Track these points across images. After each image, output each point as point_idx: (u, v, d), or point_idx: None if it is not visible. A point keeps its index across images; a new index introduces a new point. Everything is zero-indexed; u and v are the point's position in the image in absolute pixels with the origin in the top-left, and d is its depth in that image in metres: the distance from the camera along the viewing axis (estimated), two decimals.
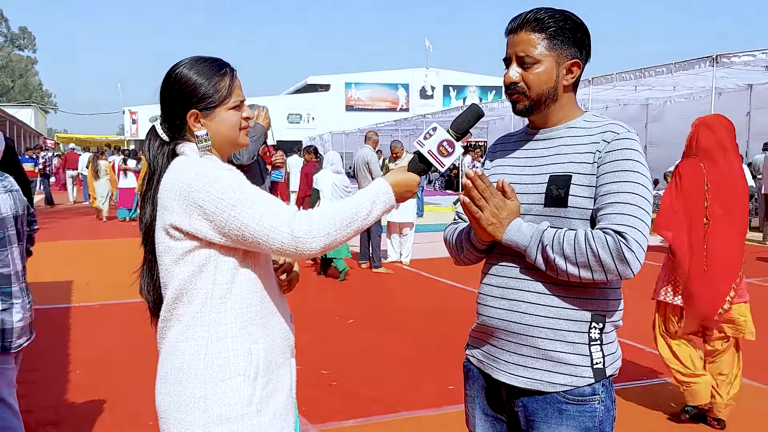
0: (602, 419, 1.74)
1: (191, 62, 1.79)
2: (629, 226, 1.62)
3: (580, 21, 1.79)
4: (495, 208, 1.73)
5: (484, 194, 1.73)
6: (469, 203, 1.74)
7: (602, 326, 1.74)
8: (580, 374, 1.72)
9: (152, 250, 1.80)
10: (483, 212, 1.73)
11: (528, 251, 1.71)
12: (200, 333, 1.70)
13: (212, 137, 1.79)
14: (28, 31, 73.54)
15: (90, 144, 41.85)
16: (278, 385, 1.79)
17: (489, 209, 1.73)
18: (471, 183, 1.73)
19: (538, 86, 1.77)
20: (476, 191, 1.73)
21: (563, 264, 1.65)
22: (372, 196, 1.71)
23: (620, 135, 1.73)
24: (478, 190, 1.73)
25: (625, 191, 1.66)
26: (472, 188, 1.73)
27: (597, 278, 1.66)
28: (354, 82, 46.13)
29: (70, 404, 4.25)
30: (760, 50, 11.30)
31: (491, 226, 1.74)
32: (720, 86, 14.22)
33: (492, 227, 1.74)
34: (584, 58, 1.81)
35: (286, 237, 1.61)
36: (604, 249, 1.61)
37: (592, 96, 14.90)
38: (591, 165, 1.72)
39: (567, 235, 1.66)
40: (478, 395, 1.92)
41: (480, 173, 1.74)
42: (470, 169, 1.74)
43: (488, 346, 1.86)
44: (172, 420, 1.71)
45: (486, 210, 1.73)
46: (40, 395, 4.34)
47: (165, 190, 1.72)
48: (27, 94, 69.61)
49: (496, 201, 1.73)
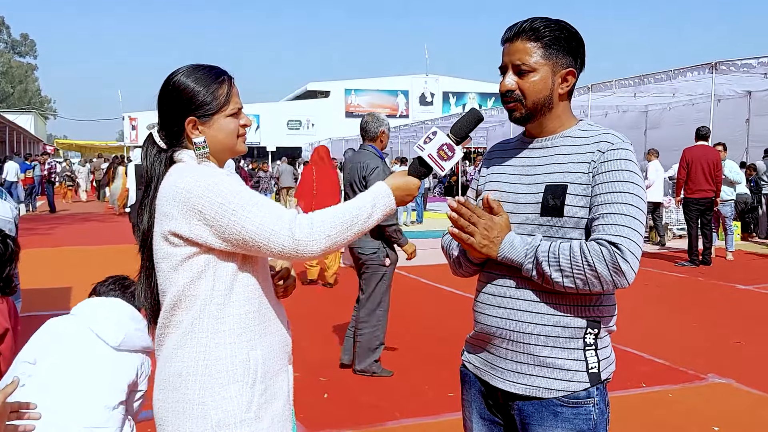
0: (596, 422, 1.76)
1: (189, 70, 1.80)
2: (624, 236, 1.64)
3: (575, 30, 1.81)
4: (485, 230, 1.75)
5: (471, 219, 1.75)
6: (459, 233, 1.76)
7: (597, 332, 1.76)
8: (576, 379, 1.73)
9: (150, 257, 1.80)
10: (474, 237, 1.75)
11: (524, 267, 1.72)
12: (199, 339, 1.70)
13: (210, 144, 1.79)
14: (29, 38, 73.76)
15: (90, 150, 41.92)
16: (276, 392, 1.79)
17: (479, 233, 1.75)
18: (455, 214, 1.75)
19: (533, 94, 1.78)
20: (463, 220, 1.75)
21: (559, 278, 1.67)
22: (372, 199, 1.72)
23: (615, 145, 1.74)
24: (465, 218, 1.75)
25: (620, 202, 1.67)
26: (458, 219, 1.75)
27: (593, 289, 1.67)
28: (354, 89, 46.24)
29: None
30: (758, 57, 11.33)
31: (485, 248, 1.76)
32: (719, 93, 14.25)
33: (486, 249, 1.76)
34: (579, 66, 1.83)
35: (287, 240, 1.62)
36: (600, 261, 1.62)
37: (591, 103, 14.92)
38: (586, 175, 1.73)
39: (562, 248, 1.67)
40: (474, 399, 1.93)
41: (463, 200, 1.76)
42: (451, 199, 1.76)
43: (485, 352, 1.87)
44: (171, 426, 1.71)
45: (477, 234, 1.75)
46: None
47: (163, 196, 1.72)
48: (26, 100, 69.68)
49: (485, 222, 1.75)
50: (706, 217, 9.92)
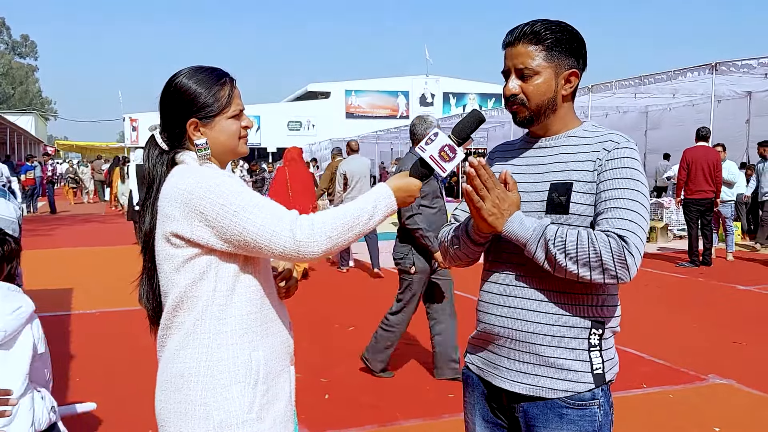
0: (601, 423, 1.76)
1: (191, 72, 1.80)
2: (630, 231, 1.63)
3: (576, 31, 1.81)
4: (497, 199, 1.72)
5: (487, 184, 1.72)
6: (471, 191, 1.73)
7: (601, 332, 1.76)
8: (581, 380, 1.73)
9: (152, 259, 1.81)
10: (484, 202, 1.72)
11: (528, 244, 1.70)
12: (201, 341, 1.71)
13: (212, 146, 1.80)
14: (29, 39, 73.81)
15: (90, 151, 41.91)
16: (278, 393, 1.80)
17: (490, 199, 1.72)
18: (474, 171, 1.72)
19: (537, 97, 1.78)
20: (479, 180, 1.72)
21: (563, 260, 1.65)
22: (374, 200, 1.73)
23: (620, 144, 1.75)
24: (481, 180, 1.72)
25: (626, 197, 1.68)
26: (475, 177, 1.72)
27: (595, 278, 1.65)
28: (354, 90, 46.23)
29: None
30: (759, 58, 11.33)
31: (492, 217, 1.73)
32: (719, 93, 14.24)
33: (493, 218, 1.73)
34: (581, 67, 1.83)
35: (288, 241, 1.62)
36: (606, 250, 1.62)
37: (591, 104, 14.92)
38: (591, 173, 1.74)
39: (570, 232, 1.66)
40: (478, 402, 1.92)
41: (484, 163, 1.73)
42: (474, 158, 1.73)
43: (488, 353, 1.87)
44: (173, 427, 1.72)
45: (487, 200, 1.72)
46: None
47: (165, 198, 1.72)
48: (27, 101, 69.70)
49: (498, 192, 1.72)
50: (706, 217, 9.93)
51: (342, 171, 9.25)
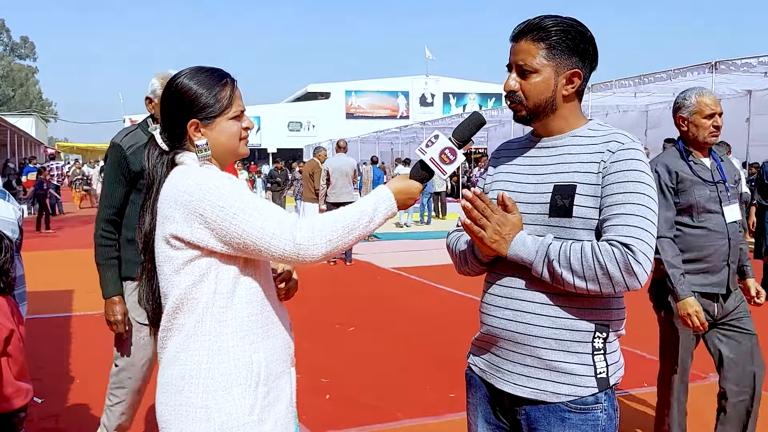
0: (604, 428, 1.73)
1: (192, 72, 1.80)
2: (636, 237, 1.61)
3: (584, 30, 1.77)
4: (497, 225, 1.71)
5: (485, 213, 1.71)
6: (471, 224, 1.73)
7: (606, 336, 1.73)
8: (584, 384, 1.71)
9: (151, 260, 1.80)
10: (485, 231, 1.72)
11: (534, 265, 1.69)
12: (201, 343, 1.70)
13: (212, 147, 1.79)
14: (29, 41, 73.80)
15: (91, 153, 41.91)
16: (279, 394, 1.79)
17: (491, 227, 1.71)
18: (470, 204, 1.72)
19: (535, 96, 1.76)
20: (476, 212, 1.72)
21: (570, 278, 1.64)
22: (374, 203, 1.72)
23: (625, 145, 1.71)
24: (478, 210, 1.72)
25: (631, 202, 1.65)
26: (471, 209, 1.72)
27: (605, 291, 1.64)
28: (354, 90, 46.25)
29: (72, 413, 4.24)
30: (758, 56, 11.32)
31: (495, 243, 1.72)
32: (719, 92, 14.23)
33: (496, 244, 1.72)
34: (587, 67, 1.79)
35: (288, 244, 1.62)
36: (612, 262, 1.60)
37: (591, 102, 14.93)
38: (596, 175, 1.71)
39: (573, 248, 1.64)
40: (480, 403, 1.91)
41: (479, 192, 1.73)
42: (467, 190, 1.72)
43: (491, 355, 1.85)
44: (174, 429, 1.71)
45: (488, 228, 1.72)
46: (41, 404, 4.33)
47: (165, 199, 1.72)
48: (27, 103, 69.72)
49: (497, 218, 1.72)
50: None
51: (326, 167, 10.14)
